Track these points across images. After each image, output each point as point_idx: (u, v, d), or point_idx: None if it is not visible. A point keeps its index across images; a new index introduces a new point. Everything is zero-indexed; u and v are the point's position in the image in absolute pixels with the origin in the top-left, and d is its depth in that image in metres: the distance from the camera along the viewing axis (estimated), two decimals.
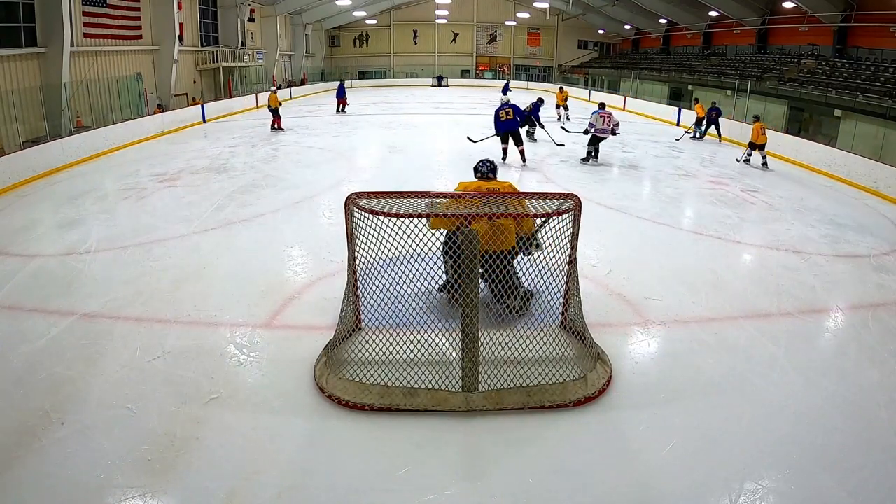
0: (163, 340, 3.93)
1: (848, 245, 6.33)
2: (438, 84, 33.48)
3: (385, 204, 3.33)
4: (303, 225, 6.66)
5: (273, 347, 3.90)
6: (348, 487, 2.68)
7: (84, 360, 3.68)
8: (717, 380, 3.59)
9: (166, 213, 7.04)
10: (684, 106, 18.19)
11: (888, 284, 5.24)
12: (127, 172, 9.48)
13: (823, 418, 3.23)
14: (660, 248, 6.00)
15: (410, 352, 3.50)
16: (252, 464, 2.80)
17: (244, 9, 22.49)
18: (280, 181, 8.72)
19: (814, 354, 4.02)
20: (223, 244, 5.91)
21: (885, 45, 16.24)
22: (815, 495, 2.67)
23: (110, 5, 15.01)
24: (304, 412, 3.21)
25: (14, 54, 11.73)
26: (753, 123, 10.93)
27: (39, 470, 2.73)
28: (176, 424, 3.06)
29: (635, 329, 4.22)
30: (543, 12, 32.76)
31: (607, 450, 2.95)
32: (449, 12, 34.73)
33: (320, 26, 33.65)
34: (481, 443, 3.01)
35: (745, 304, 4.72)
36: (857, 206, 8.27)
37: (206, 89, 20.95)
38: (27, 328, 4.11)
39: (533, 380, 3.33)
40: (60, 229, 6.45)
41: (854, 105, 14.76)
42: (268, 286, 4.82)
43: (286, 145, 12.16)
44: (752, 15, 21.97)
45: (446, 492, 2.65)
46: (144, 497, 2.58)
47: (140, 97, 15.90)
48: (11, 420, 3.09)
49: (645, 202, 7.98)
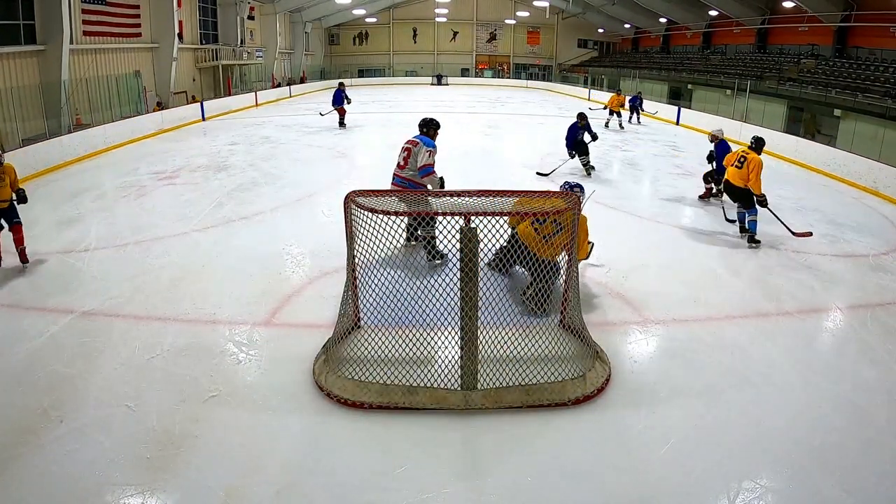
0: (162, 338, 3.93)
1: (847, 245, 6.33)
2: (438, 82, 33.47)
3: (384, 202, 3.33)
4: (302, 223, 6.65)
5: (272, 345, 3.90)
6: (347, 485, 2.68)
7: (83, 358, 3.68)
8: (716, 379, 3.59)
9: (165, 211, 7.03)
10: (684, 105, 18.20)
11: (887, 284, 5.25)
12: (126, 170, 9.47)
13: (822, 418, 3.24)
14: (659, 247, 6.00)
15: (409, 350, 3.50)
16: (251, 461, 2.80)
17: (244, 6, 22.46)
18: (279, 179, 8.72)
19: (812, 354, 4.03)
20: (222, 242, 5.91)
21: (885, 45, 16.25)
22: (813, 495, 2.67)
23: (110, 3, 14.98)
24: (302, 410, 3.21)
25: (13, 52, 11.70)
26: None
27: (39, 468, 2.73)
28: (175, 422, 3.06)
29: (634, 328, 4.22)
30: (543, 11, 32.76)
31: (606, 448, 2.96)
32: (448, 10, 34.71)
33: (320, 24, 33.61)
34: (480, 441, 3.01)
35: (744, 303, 4.72)
36: (856, 206, 8.27)
37: (206, 87, 20.92)
38: (26, 326, 4.10)
39: (532, 378, 3.33)
40: (59, 227, 6.44)
41: (854, 105, 14.76)
42: (267, 284, 4.82)
43: (285, 143, 12.14)
44: (751, 14, 21.97)
45: (445, 490, 2.66)
46: (143, 495, 2.58)
47: (139, 95, 15.87)
48: (10, 418, 3.08)
49: (644, 201, 7.98)
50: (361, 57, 36.63)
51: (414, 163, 4.84)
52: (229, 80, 21.96)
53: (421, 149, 4.83)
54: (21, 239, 5.21)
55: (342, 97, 13.93)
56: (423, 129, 5.24)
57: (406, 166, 4.93)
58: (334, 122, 14.39)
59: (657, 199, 7.96)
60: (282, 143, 12.23)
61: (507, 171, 9.51)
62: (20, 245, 5.21)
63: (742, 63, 21.83)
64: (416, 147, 4.88)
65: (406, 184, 4.93)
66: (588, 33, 36.00)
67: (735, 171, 6.19)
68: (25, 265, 5.19)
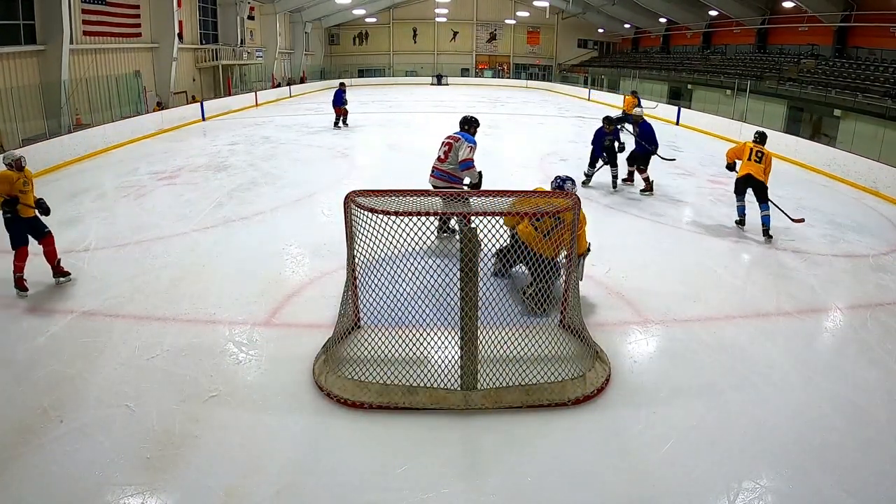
0: (162, 338, 3.93)
1: (847, 245, 6.33)
2: (438, 82, 33.47)
3: (384, 202, 3.33)
4: (302, 223, 6.65)
5: (272, 345, 3.90)
6: (346, 485, 2.68)
7: (83, 358, 3.68)
8: (716, 379, 3.59)
9: (165, 211, 7.03)
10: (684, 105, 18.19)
11: (887, 284, 5.25)
12: (126, 170, 9.47)
13: (822, 418, 3.24)
14: (659, 247, 6.00)
15: (409, 350, 3.50)
16: (251, 461, 2.80)
17: (244, 6, 22.46)
18: (279, 179, 8.72)
19: (812, 354, 4.03)
20: (222, 242, 5.91)
21: (885, 45, 16.24)
22: (813, 494, 2.67)
23: (110, 3, 14.98)
24: (302, 410, 3.21)
25: (13, 52, 11.70)
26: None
27: (39, 468, 2.73)
28: (175, 422, 3.06)
29: (634, 328, 4.22)
30: (543, 11, 32.74)
31: (605, 449, 2.96)
32: (448, 10, 34.70)
33: (320, 24, 33.60)
34: (480, 441, 3.01)
35: (744, 303, 4.72)
36: (856, 206, 8.27)
37: (206, 87, 20.91)
38: (26, 326, 4.11)
39: (531, 378, 3.34)
40: (59, 227, 6.40)
41: (854, 105, 14.76)
42: (267, 284, 4.82)
43: (285, 143, 12.14)
44: (751, 14, 21.97)
45: (445, 490, 2.66)
46: (143, 494, 2.58)
47: (139, 95, 15.87)
48: (11, 418, 3.09)
49: (644, 201, 7.97)
50: (361, 57, 36.62)
51: (455, 157, 5.12)
52: (229, 80, 21.96)
53: (462, 144, 5.14)
54: (53, 252, 4.75)
55: (342, 97, 13.90)
56: (465, 127, 5.49)
57: (447, 160, 5.22)
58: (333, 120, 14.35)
59: (657, 199, 7.96)
60: (282, 143, 12.23)
61: (507, 171, 9.51)
62: (54, 259, 4.76)
63: (742, 63, 21.82)
64: (458, 142, 5.18)
65: (445, 176, 5.22)
66: (588, 33, 35.98)
67: (755, 165, 6.28)
68: (63, 279, 4.80)
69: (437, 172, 5.29)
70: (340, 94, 13.91)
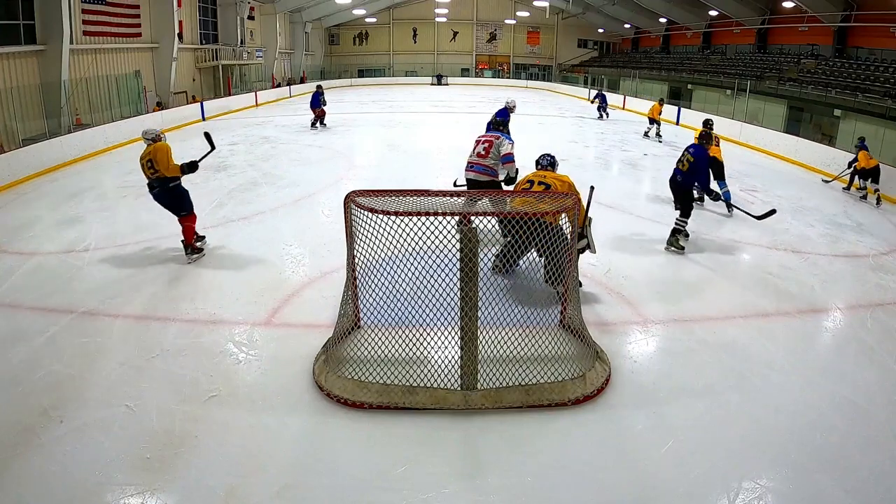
0: (162, 338, 3.93)
1: (847, 245, 6.33)
2: (438, 82, 33.47)
3: (384, 202, 3.33)
4: (302, 223, 6.65)
5: (272, 345, 3.90)
6: (347, 485, 2.68)
7: (83, 358, 3.68)
8: (716, 379, 3.59)
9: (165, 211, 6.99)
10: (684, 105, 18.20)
11: (887, 284, 5.25)
12: (126, 170, 9.45)
13: (822, 418, 3.24)
14: (659, 247, 5.99)
15: (409, 350, 3.50)
16: (251, 461, 2.80)
17: (244, 6, 22.45)
18: (279, 179, 8.71)
19: (812, 354, 4.03)
20: (222, 242, 5.91)
21: (885, 45, 16.25)
22: (813, 494, 2.67)
23: (109, 3, 14.97)
24: (302, 410, 3.21)
25: (13, 52, 11.69)
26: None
27: (39, 468, 2.73)
28: (175, 422, 3.06)
29: (634, 328, 4.22)
30: (543, 11, 32.74)
31: (606, 449, 2.96)
32: (448, 11, 34.70)
33: (320, 24, 33.61)
34: (480, 441, 3.01)
35: (744, 303, 4.72)
36: (856, 206, 8.27)
37: (206, 87, 20.91)
38: (26, 326, 4.10)
39: (532, 378, 3.33)
40: (59, 227, 6.44)
41: (854, 105, 14.76)
42: (267, 284, 4.82)
43: (285, 143, 12.14)
44: (751, 14, 21.97)
45: (445, 490, 2.66)
46: (143, 495, 2.58)
47: (139, 95, 15.86)
48: (10, 418, 3.08)
49: (644, 201, 7.98)
50: (361, 57, 36.63)
51: (496, 152, 5.61)
52: (229, 80, 21.95)
53: (503, 141, 5.66)
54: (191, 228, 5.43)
55: (319, 99, 14.10)
56: (500, 128, 6.39)
57: (488, 155, 5.67)
58: (335, 122, 14.38)
59: (657, 199, 7.96)
60: (282, 143, 12.23)
61: None
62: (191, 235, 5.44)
63: (742, 63, 21.83)
64: (498, 140, 5.68)
65: (485, 170, 5.65)
66: (588, 33, 36.00)
67: (715, 149, 7.27)
68: (195, 256, 5.37)
69: (479, 167, 5.65)
70: (317, 97, 14.14)
